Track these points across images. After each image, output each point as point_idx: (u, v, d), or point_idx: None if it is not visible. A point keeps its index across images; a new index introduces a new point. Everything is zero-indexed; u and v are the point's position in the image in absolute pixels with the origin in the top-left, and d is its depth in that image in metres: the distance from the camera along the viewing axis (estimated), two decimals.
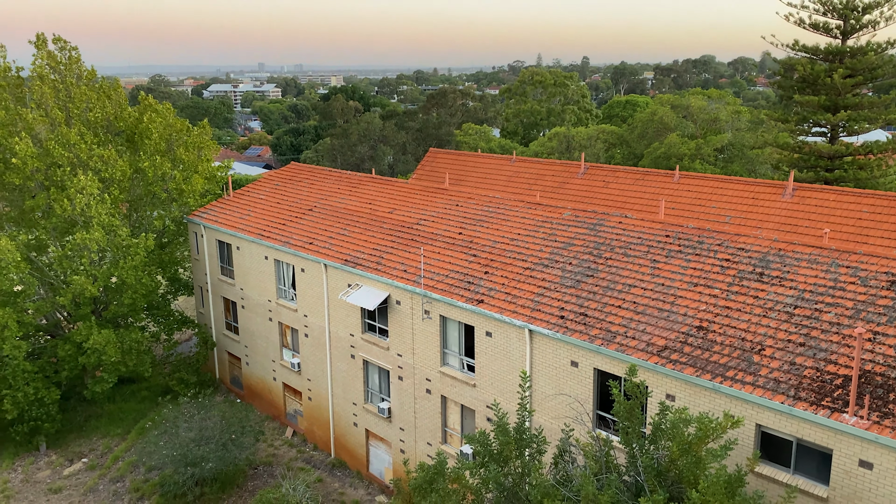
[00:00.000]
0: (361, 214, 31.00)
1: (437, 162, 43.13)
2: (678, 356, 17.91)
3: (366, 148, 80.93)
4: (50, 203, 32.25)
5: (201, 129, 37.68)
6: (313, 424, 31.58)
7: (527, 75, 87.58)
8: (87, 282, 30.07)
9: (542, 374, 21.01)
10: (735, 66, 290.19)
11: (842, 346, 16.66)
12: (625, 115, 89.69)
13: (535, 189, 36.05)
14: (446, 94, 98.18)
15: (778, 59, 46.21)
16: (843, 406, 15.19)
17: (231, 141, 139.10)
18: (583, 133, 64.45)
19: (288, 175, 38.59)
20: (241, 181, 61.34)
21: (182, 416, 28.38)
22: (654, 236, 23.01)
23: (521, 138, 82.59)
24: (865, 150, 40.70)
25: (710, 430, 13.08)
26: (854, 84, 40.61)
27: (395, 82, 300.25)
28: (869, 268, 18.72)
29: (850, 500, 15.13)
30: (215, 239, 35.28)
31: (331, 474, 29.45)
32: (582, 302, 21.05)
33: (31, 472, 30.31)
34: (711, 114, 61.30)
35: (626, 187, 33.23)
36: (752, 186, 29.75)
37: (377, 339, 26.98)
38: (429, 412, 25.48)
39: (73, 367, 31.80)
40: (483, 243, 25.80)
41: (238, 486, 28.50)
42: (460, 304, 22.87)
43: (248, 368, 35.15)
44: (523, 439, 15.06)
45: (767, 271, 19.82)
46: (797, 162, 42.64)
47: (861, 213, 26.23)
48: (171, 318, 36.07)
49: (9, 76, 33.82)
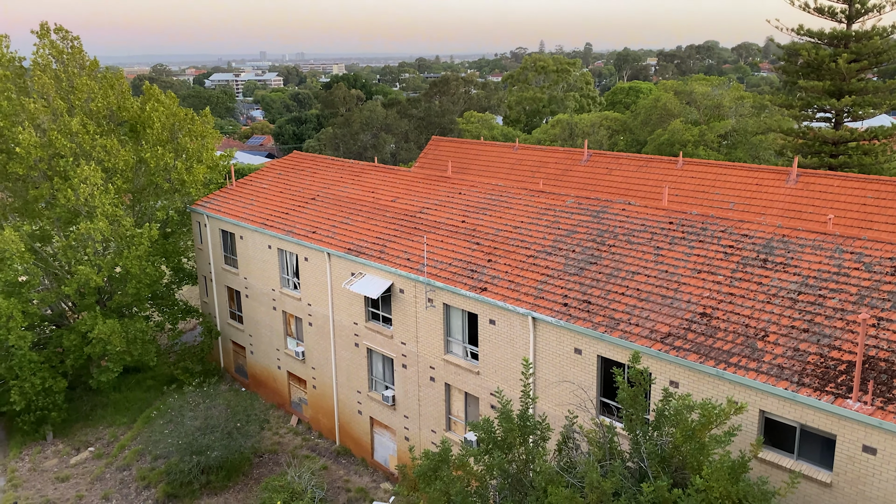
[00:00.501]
0: (364, 203, 30.99)
1: (439, 150, 43.05)
2: (682, 343, 17.92)
3: (368, 136, 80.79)
4: (53, 193, 32.29)
5: (203, 118, 37.66)
6: (318, 413, 31.72)
7: (529, 62, 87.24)
8: (91, 272, 30.15)
9: (545, 361, 21.04)
10: (739, 51, 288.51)
11: (846, 332, 16.65)
12: (628, 102, 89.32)
13: (538, 176, 35.97)
14: (448, 81, 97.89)
15: (782, 45, 45.93)
16: (847, 392, 15.20)
17: (233, 130, 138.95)
18: (586, 120, 64.23)
19: (290, 164, 38.56)
20: (243, 170, 61.36)
21: (187, 405, 28.53)
22: (658, 223, 22.97)
23: (524, 126, 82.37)
24: (870, 135, 40.51)
25: (713, 416, 13.11)
26: (859, 69, 40.36)
27: (397, 70, 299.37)
28: (873, 253, 18.68)
29: (853, 486, 15.17)
30: (218, 228, 35.31)
31: (336, 462, 29.61)
32: (585, 289, 21.05)
33: (38, 461, 30.53)
34: (715, 100, 61.01)
35: (630, 174, 33.14)
36: (756, 172, 29.65)
37: (381, 328, 27.04)
38: (433, 400, 25.57)
39: (79, 357, 31.95)
40: (486, 231, 25.78)
41: (243, 474, 28.67)
42: (464, 292, 22.89)
43: (253, 357, 35.27)
44: (527, 426, 15.11)
45: (771, 258, 19.78)
46: (801, 148, 42.47)
47: (865, 199, 26.13)
48: (175, 307, 36.17)
49: (12, 66, 33.77)
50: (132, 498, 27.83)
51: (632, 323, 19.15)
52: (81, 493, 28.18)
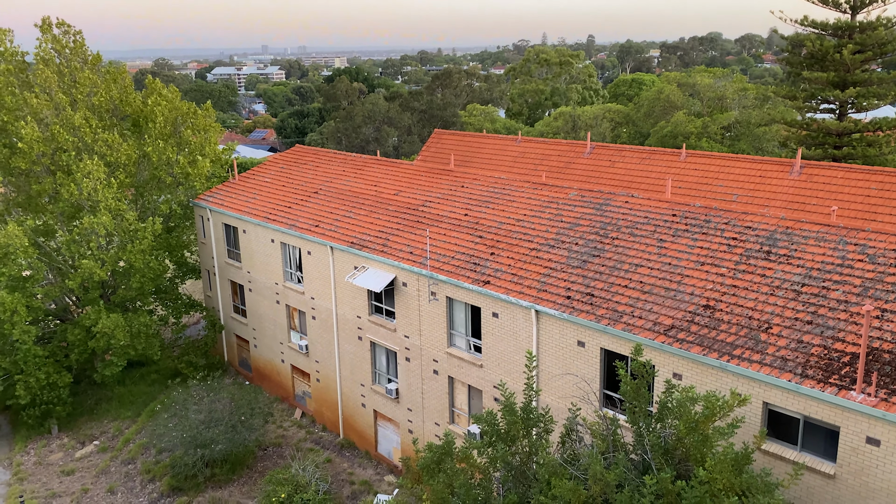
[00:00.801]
0: (367, 196, 30.97)
1: (442, 143, 42.99)
2: (685, 335, 17.91)
3: (370, 129, 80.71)
4: (57, 188, 32.33)
5: (205, 112, 37.64)
6: (322, 406, 31.79)
7: (532, 54, 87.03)
8: (95, 266, 30.21)
9: (548, 354, 21.05)
10: (742, 42, 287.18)
11: (849, 324, 16.62)
12: (631, 94, 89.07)
13: (541, 169, 35.91)
14: (451, 74, 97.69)
15: (786, 36, 45.76)
16: (851, 383, 15.18)
17: (235, 124, 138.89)
18: (589, 112, 64.10)
19: (293, 158, 38.53)
20: (245, 164, 61.34)
21: (191, 399, 28.61)
22: (661, 215, 22.93)
23: (527, 118, 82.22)
24: (874, 126, 40.36)
25: (717, 408, 13.10)
26: (863, 60, 40.18)
27: (399, 63, 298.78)
28: (877, 245, 18.63)
29: (857, 477, 15.17)
30: (221, 222, 35.33)
31: (340, 455, 29.70)
32: (588, 282, 21.03)
33: (43, 455, 30.67)
34: (718, 91, 60.82)
35: (633, 166, 33.07)
36: (760, 164, 29.56)
37: (384, 321, 27.06)
38: (436, 393, 25.61)
39: (83, 351, 32.04)
40: (489, 224, 25.76)
41: (248, 467, 28.77)
42: (467, 285, 22.89)
43: (257, 351, 35.35)
44: (530, 419, 15.12)
45: (775, 249, 19.74)
46: (805, 139, 42.35)
47: (869, 191, 26.05)
48: (178, 301, 36.25)
49: (15, 60, 33.77)
50: (137, 491, 27.95)
51: (635, 315, 19.13)
52: (87, 486, 28.31)
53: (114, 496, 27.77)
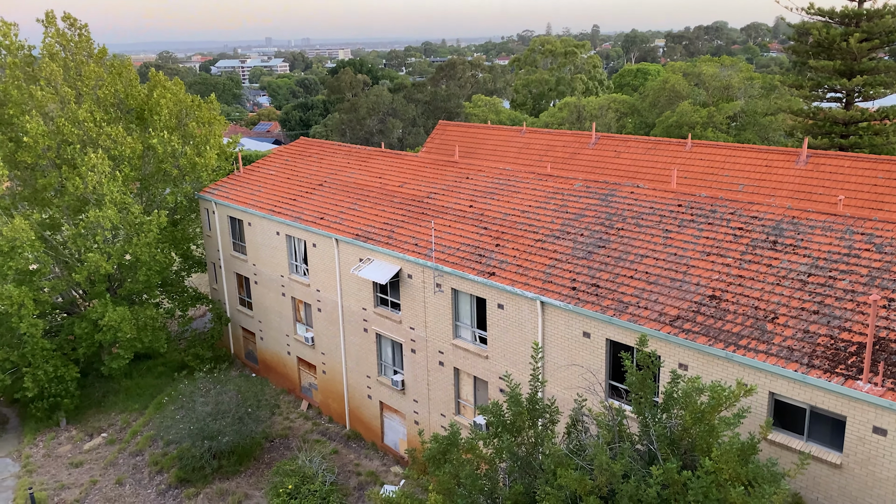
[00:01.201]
0: (372, 188, 30.96)
1: (446, 135, 42.91)
2: (691, 325, 17.89)
3: (375, 121, 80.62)
4: (62, 181, 32.41)
5: (210, 104, 37.63)
6: (328, 397, 31.90)
7: (537, 44, 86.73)
8: (101, 259, 30.32)
9: (554, 345, 21.06)
10: (748, 31, 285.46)
11: (856, 314, 16.57)
12: (636, 84, 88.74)
13: (546, 160, 35.82)
14: (455, 65, 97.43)
15: (792, 24, 45.39)
16: (857, 373, 15.15)
17: (240, 117, 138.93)
18: (594, 103, 63.86)
19: (298, 150, 38.53)
20: (250, 157, 61.34)
21: (198, 391, 28.72)
22: (667, 206, 22.86)
23: (531, 109, 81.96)
24: (881, 115, 40.07)
25: (723, 398, 13.09)
26: (870, 48, 39.86)
27: (403, 54, 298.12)
28: (884, 234, 18.54)
29: (863, 467, 15.16)
30: (227, 215, 35.39)
31: (346, 446, 29.81)
32: (594, 273, 21.01)
33: (52, 447, 30.87)
34: (724, 81, 60.49)
35: (638, 157, 32.96)
36: (766, 154, 29.43)
37: (389, 313, 27.10)
38: (442, 384, 25.66)
39: (90, 345, 32.20)
40: (494, 216, 25.73)
41: (255, 458, 28.91)
42: (472, 276, 22.89)
43: (263, 343, 35.45)
44: (536, 409, 15.14)
45: (781, 239, 19.67)
46: (811, 128, 42.08)
47: (876, 180, 25.91)
48: (184, 294, 36.37)
49: (21, 54, 33.80)
50: (145, 483, 28.13)
51: (640, 306, 19.11)
52: (95, 478, 28.50)
53: (122, 488, 27.95)
